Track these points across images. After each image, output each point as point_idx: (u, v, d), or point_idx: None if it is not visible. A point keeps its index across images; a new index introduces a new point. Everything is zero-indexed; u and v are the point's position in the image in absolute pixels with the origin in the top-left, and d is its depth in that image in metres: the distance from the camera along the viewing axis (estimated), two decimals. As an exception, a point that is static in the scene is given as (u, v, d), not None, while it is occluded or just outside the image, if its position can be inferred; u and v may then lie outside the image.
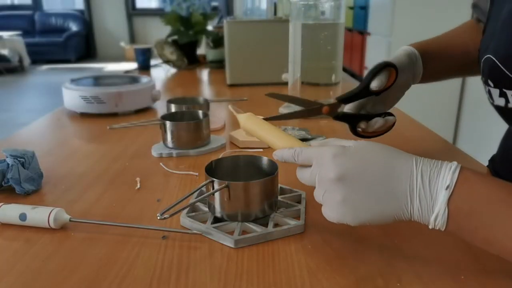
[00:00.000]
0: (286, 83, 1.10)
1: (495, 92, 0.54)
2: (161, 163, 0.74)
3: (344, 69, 3.73)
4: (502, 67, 0.50)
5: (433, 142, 0.86)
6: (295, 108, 0.70)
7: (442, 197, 0.38)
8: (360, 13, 3.34)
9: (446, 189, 0.37)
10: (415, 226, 0.52)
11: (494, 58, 0.52)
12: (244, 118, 0.55)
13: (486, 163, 0.76)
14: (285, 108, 1.05)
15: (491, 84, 0.54)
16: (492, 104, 0.55)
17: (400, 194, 0.39)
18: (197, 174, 0.69)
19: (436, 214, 0.38)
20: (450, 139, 2.45)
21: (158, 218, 0.48)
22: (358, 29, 3.43)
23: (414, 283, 0.42)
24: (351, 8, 3.63)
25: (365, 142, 0.44)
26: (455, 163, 0.39)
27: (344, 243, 0.49)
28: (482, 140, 2.17)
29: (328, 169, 0.42)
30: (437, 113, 2.49)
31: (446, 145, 0.85)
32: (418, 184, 0.39)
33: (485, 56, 0.54)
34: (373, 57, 3.12)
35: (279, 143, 0.50)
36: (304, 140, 0.84)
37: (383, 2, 2.78)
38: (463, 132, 2.40)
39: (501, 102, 0.53)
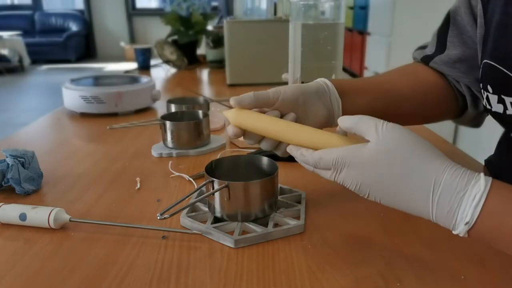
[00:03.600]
0: (286, 83, 1.10)
1: (494, 98, 0.53)
2: (171, 169, 0.74)
3: (344, 69, 3.73)
4: (504, 70, 0.50)
5: (433, 142, 0.85)
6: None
7: (461, 227, 0.36)
8: (360, 13, 3.34)
9: (466, 224, 0.36)
10: (415, 226, 0.52)
11: (492, 62, 0.52)
12: (233, 114, 0.51)
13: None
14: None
15: (490, 90, 0.54)
16: (490, 110, 0.55)
17: (421, 209, 0.39)
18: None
19: (457, 233, 0.38)
20: (450, 139, 2.44)
21: (158, 218, 0.48)
22: (358, 29, 3.43)
23: (414, 283, 0.42)
24: (351, 8, 3.63)
25: (392, 140, 0.40)
26: (481, 188, 0.36)
27: (344, 243, 0.49)
28: (482, 140, 2.17)
29: (346, 181, 0.42)
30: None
31: (446, 145, 0.85)
32: (434, 214, 0.38)
33: (483, 62, 0.54)
34: (373, 57, 3.12)
35: (294, 136, 0.47)
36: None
37: (383, 2, 2.78)
38: (463, 132, 2.39)
39: (499, 108, 0.53)
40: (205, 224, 0.52)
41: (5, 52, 6.26)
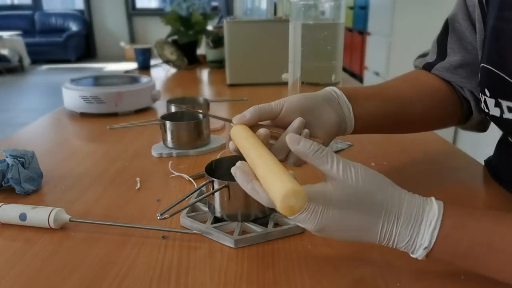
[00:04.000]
0: (286, 83, 1.10)
1: (491, 102, 0.54)
2: (171, 169, 0.74)
3: (344, 69, 3.73)
4: (500, 73, 0.50)
5: (433, 142, 0.86)
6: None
7: (421, 252, 0.38)
8: (360, 13, 3.34)
9: (424, 249, 0.38)
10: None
11: (488, 66, 0.52)
12: (232, 130, 0.49)
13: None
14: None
15: (487, 94, 0.54)
16: (488, 114, 0.55)
17: (382, 240, 0.40)
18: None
19: (416, 257, 0.39)
20: (450, 139, 2.44)
21: (158, 218, 0.48)
22: (358, 29, 3.43)
23: (414, 283, 0.42)
24: (351, 8, 3.63)
25: (355, 180, 0.38)
26: (435, 214, 0.38)
27: (344, 243, 0.49)
28: (482, 140, 2.17)
29: (306, 224, 0.39)
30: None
31: (446, 145, 0.85)
32: (396, 243, 0.39)
33: (481, 66, 0.54)
34: (373, 57, 3.12)
35: (258, 170, 0.41)
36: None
37: (383, 2, 2.78)
38: (463, 132, 2.39)
39: (496, 112, 0.53)
40: (205, 224, 0.52)
41: (5, 52, 6.26)
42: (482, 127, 0.70)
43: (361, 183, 0.38)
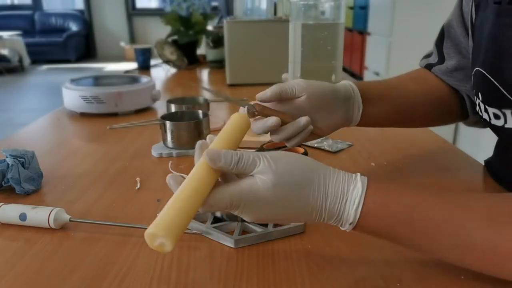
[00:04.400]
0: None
1: (482, 106, 0.54)
2: (170, 169, 0.74)
3: (344, 69, 3.73)
4: (492, 79, 0.51)
5: (433, 142, 0.86)
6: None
7: (347, 226, 0.41)
8: (360, 13, 3.34)
9: (350, 224, 0.41)
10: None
11: (482, 70, 0.52)
12: (232, 118, 0.49)
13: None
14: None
15: (480, 98, 0.54)
16: (481, 117, 0.56)
17: (313, 220, 0.42)
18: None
19: (344, 229, 0.42)
20: (450, 139, 2.44)
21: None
22: (358, 29, 3.43)
23: (414, 283, 0.42)
24: (351, 8, 3.63)
25: (281, 170, 0.40)
26: (359, 192, 0.40)
27: (344, 243, 0.49)
28: (482, 140, 2.17)
29: (245, 217, 0.42)
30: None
31: (446, 145, 0.85)
32: (326, 220, 0.42)
33: (475, 69, 0.55)
34: (373, 57, 3.12)
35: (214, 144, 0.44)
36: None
37: (383, 2, 2.78)
38: (463, 132, 2.39)
39: (486, 116, 0.54)
40: (205, 224, 0.52)
41: (5, 52, 6.26)
42: (482, 125, 0.71)
43: (286, 175, 0.40)
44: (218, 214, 0.53)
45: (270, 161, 0.40)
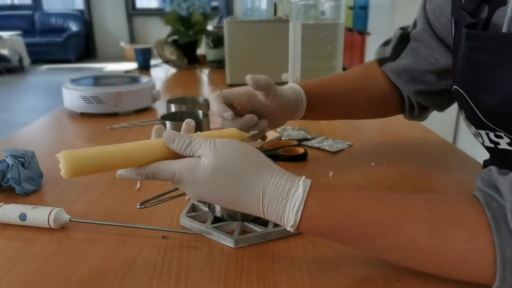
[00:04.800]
0: (286, 83, 1.10)
1: (467, 122, 0.55)
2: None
3: (344, 69, 3.73)
4: (467, 98, 0.50)
5: (433, 142, 0.86)
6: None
7: (289, 228, 0.41)
8: (360, 13, 3.34)
9: (291, 226, 0.41)
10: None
11: (459, 89, 0.52)
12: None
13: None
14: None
15: (463, 114, 0.55)
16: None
17: (257, 214, 0.43)
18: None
19: (288, 229, 0.42)
20: (450, 139, 2.45)
21: (138, 207, 0.51)
22: (358, 29, 3.43)
23: (414, 283, 0.42)
24: (351, 8, 3.63)
25: (222, 158, 0.42)
26: (300, 196, 0.40)
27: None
28: (482, 140, 2.17)
29: (186, 192, 0.44)
30: (437, 113, 2.49)
31: (446, 145, 0.85)
32: (267, 217, 0.42)
33: (454, 87, 0.55)
34: (373, 57, 3.11)
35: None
36: (303, 140, 0.84)
37: (383, 2, 2.78)
38: (463, 132, 2.39)
39: (471, 131, 0.55)
40: (205, 224, 0.52)
41: (5, 52, 6.26)
42: (421, 119, 0.78)
43: (226, 161, 0.42)
44: (218, 214, 0.53)
45: (217, 147, 0.42)
